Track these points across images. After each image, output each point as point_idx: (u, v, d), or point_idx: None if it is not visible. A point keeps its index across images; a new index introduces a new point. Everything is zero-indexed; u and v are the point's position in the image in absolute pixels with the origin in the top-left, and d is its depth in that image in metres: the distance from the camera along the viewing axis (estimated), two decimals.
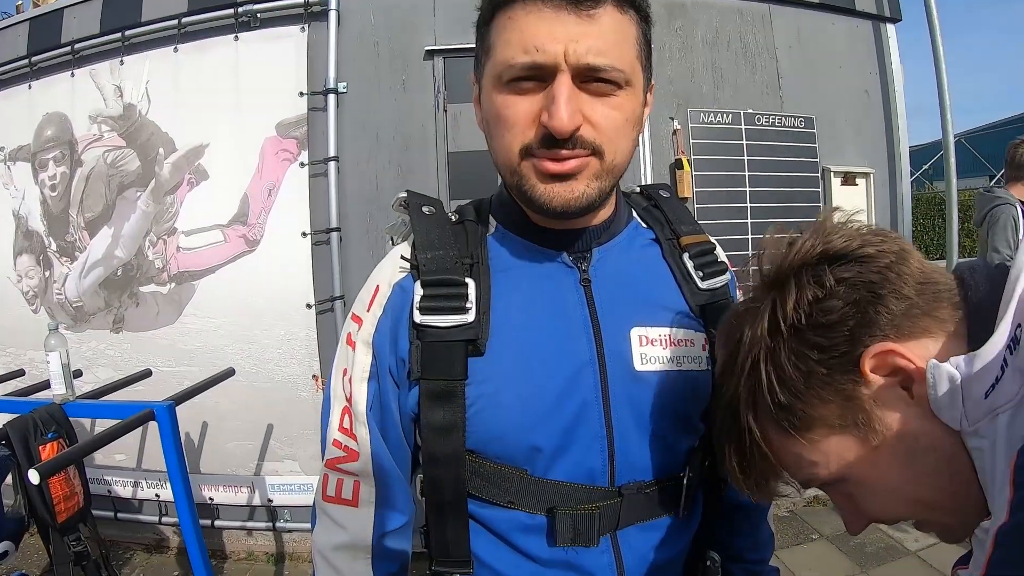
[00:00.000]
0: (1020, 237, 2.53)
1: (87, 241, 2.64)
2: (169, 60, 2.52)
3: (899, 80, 3.02)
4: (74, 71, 2.65)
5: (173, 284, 2.52)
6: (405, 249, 0.66)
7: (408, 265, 0.64)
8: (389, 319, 0.64)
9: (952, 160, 3.08)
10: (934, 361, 0.41)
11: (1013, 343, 0.38)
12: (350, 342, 0.66)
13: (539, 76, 0.55)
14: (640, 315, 0.64)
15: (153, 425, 1.68)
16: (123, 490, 2.64)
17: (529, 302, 0.64)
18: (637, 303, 0.65)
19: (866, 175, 2.83)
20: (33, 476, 1.35)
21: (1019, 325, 0.38)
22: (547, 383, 0.61)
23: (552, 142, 0.55)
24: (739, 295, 0.74)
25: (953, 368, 0.40)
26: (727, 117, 2.57)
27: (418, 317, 0.61)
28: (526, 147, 0.57)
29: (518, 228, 0.67)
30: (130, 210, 2.57)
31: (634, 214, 0.73)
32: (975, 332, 0.42)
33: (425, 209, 0.67)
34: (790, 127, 2.69)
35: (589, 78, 0.55)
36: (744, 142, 2.58)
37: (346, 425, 0.65)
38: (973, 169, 12.99)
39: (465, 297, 0.61)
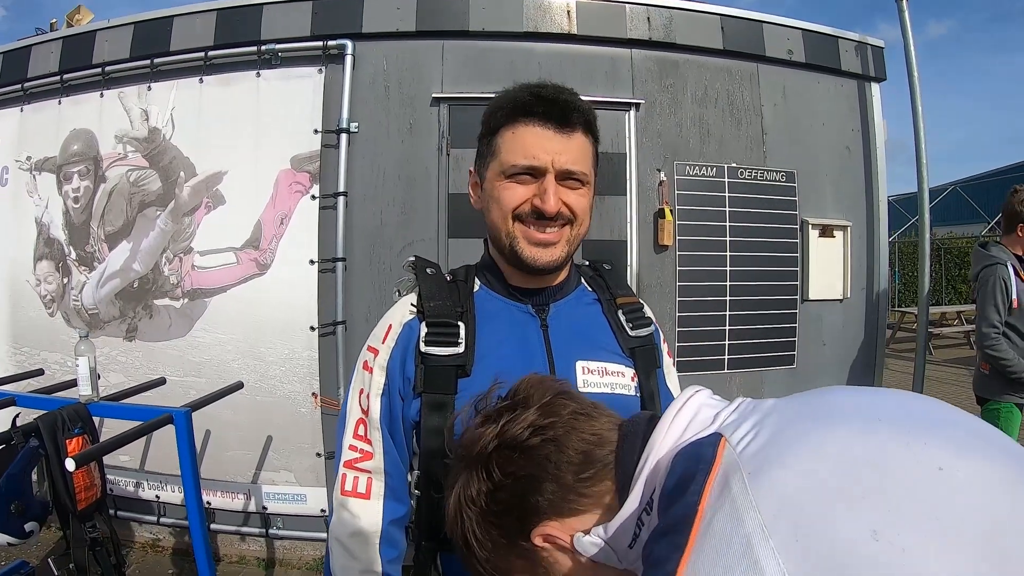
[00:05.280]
0: (1012, 296, 2.34)
1: (106, 253, 2.76)
2: (194, 89, 2.66)
3: (881, 137, 3.11)
4: (103, 92, 2.77)
5: (186, 300, 2.64)
6: (412, 298, 0.87)
7: (415, 310, 0.85)
8: (399, 349, 0.84)
9: (927, 215, 3.23)
10: (579, 534, 0.52)
11: (649, 505, 0.49)
12: (367, 368, 0.86)
13: (533, 173, 0.81)
14: (583, 352, 0.85)
15: (159, 430, 1.81)
16: (125, 489, 2.76)
17: (503, 340, 0.84)
18: (581, 343, 0.86)
19: (843, 228, 2.92)
20: (69, 464, 1.53)
21: (654, 489, 0.48)
22: None
23: (540, 217, 0.80)
24: (663, 345, 0.95)
25: (595, 537, 0.51)
26: (711, 170, 2.66)
27: (423, 347, 0.81)
28: (519, 214, 0.81)
29: (497, 287, 0.89)
30: (149, 227, 2.70)
31: (582, 280, 0.95)
32: (623, 498, 0.52)
33: (428, 270, 0.89)
34: (771, 181, 2.76)
35: (566, 177, 0.81)
36: (727, 194, 2.67)
37: (361, 433, 0.84)
38: (968, 216, 13.24)
39: (457, 335, 0.82)
